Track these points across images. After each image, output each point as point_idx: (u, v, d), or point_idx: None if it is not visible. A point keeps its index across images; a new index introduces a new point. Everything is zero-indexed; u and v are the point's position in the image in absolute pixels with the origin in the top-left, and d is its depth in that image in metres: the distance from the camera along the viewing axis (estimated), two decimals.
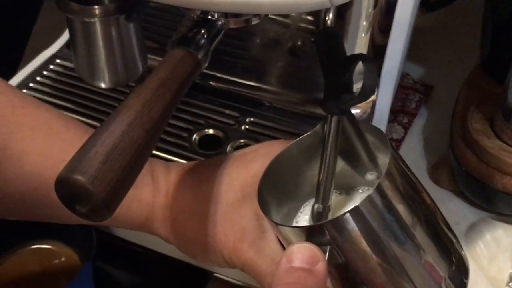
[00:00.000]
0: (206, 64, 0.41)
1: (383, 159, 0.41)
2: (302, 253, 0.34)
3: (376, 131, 0.41)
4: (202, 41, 0.41)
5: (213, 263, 0.46)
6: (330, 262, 0.36)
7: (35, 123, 0.43)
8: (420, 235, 0.38)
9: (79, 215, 0.33)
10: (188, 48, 0.40)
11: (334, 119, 0.39)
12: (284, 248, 0.42)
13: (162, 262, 0.55)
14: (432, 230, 0.39)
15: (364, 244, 0.36)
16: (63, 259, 0.54)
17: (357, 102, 0.37)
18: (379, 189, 0.36)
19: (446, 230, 0.41)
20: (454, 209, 0.60)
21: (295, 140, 0.42)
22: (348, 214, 0.35)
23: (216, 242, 0.44)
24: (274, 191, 0.42)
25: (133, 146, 0.34)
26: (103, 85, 0.56)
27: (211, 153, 0.58)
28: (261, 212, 0.39)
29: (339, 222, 0.36)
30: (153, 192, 0.45)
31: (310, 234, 0.36)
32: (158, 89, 0.36)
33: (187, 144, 0.59)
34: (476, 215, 0.60)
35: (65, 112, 0.62)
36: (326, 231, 0.36)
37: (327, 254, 0.36)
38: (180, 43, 0.40)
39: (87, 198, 0.31)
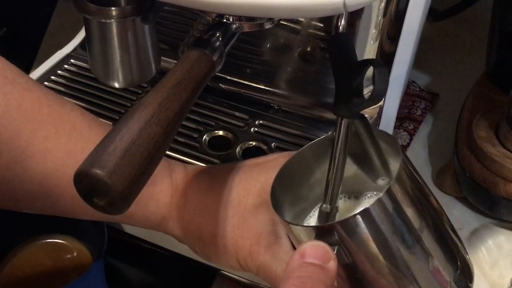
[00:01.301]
0: (221, 66, 0.43)
1: (394, 165, 0.42)
2: (316, 250, 0.35)
3: (388, 137, 0.41)
4: (217, 43, 0.42)
5: (226, 266, 0.47)
6: (338, 261, 0.37)
7: (59, 122, 0.44)
8: (427, 239, 0.39)
9: (96, 208, 0.34)
10: (204, 50, 0.41)
11: (344, 122, 0.40)
12: None
13: (170, 259, 0.56)
14: (439, 235, 0.40)
15: (372, 246, 0.37)
16: (75, 254, 0.55)
17: (367, 106, 0.38)
18: (389, 193, 0.37)
19: (453, 235, 0.42)
20: (457, 215, 0.61)
21: (309, 143, 0.43)
22: (358, 216, 0.36)
23: (232, 244, 0.45)
24: (287, 192, 0.43)
25: (150, 142, 0.35)
26: (117, 85, 0.57)
27: (220, 154, 0.59)
28: (275, 214, 0.40)
29: (349, 223, 0.37)
30: (171, 192, 0.46)
31: (320, 233, 0.37)
32: (174, 88, 0.38)
33: (197, 145, 0.60)
34: (479, 221, 0.61)
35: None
36: (335, 231, 0.37)
37: (335, 253, 0.37)
38: (196, 45, 0.41)
39: (105, 192, 0.33)
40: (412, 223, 0.38)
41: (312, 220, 0.45)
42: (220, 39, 0.43)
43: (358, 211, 0.36)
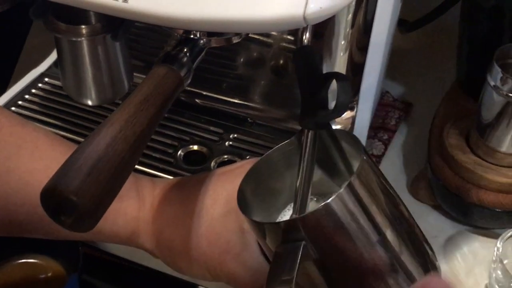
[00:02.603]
0: (189, 81, 0.43)
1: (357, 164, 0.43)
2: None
3: (351, 138, 0.42)
4: (185, 59, 0.43)
5: (198, 277, 0.47)
6: (306, 258, 0.38)
7: (21, 141, 0.44)
8: (392, 237, 0.39)
9: (64, 226, 0.34)
10: (171, 66, 0.41)
11: (311, 133, 0.40)
12: (268, 260, 0.43)
13: (147, 276, 0.56)
14: (405, 236, 0.40)
15: (336, 241, 0.38)
16: (49, 273, 0.55)
17: (332, 117, 0.39)
18: (350, 188, 0.38)
19: (421, 239, 0.43)
20: (432, 223, 0.62)
21: (274, 148, 0.44)
22: (320, 209, 0.37)
23: (201, 255, 0.45)
24: (254, 197, 0.43)
25: (117, 158, 0.35)
26: (90, 103, 0.57)
27: (195, 169, 0.60)
28: (242, 216, 0.40)
29: (312, 217, 0.37)
30: (138, 206, 0.46)
31: (286, 230, 0.38)
32: (141, 104, 0.38)
33: (172, 160, 0.61)
34: (454, 228, 0.61)
35: (53, 129, 0.64)
36: (300, 226, 0.37)
37: (301, 249, 0.37)
38: (164, 61, 0.42)
39: (72, 209, 0.33)
40: (376, 221, 0.39)
41: None
42: (188, 54, 0.43)
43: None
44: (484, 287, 0.56)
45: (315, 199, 0.45)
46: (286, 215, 0.45)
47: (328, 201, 0.37)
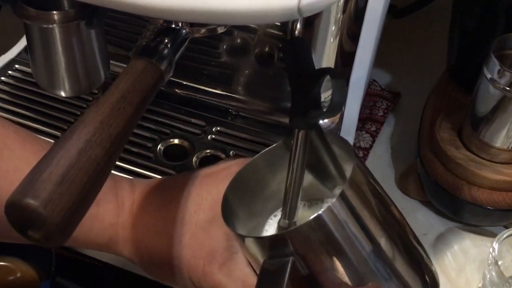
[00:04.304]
0: (170, 75, 0.40)
1: (349, 171, 0.40)
2: None
3: (342, 142, 0.40)
4: (166, 51, 0.39)
5: (180, 287, 0.44)
6: (294, 275, 0.35)
7: None
8: (387, 247, 0.37)
9: (32, 241, 0.31)
10: (151, 59, 0.38)
11: (302, 134, 0.38)
12: (254, 270, 0.41)
13: (123, 277, 0.53)
14: (400, 244, 0.39)
15: (327, 255, 0.35)
16: (18, 274, 0.52)
17: (324, 117, 0.37)
18: (343, 198, 0.35)
19: (416, 245, 0.41)
20: (422, 220, 0.60)
21: (260, 152, 0.41)
22: (311, 223, 0.35)
23: (184, 265, 0.42)
24: (240, 205, 0.41)
25: (91, 165, 0.32)
26: (63, 94, 0.54)
27: (176, 164, 0.57)
28: (229, 230, 0.38)
29: (302, 231, 0.35)
30: (116, 211, 0.43)
31: (274, 244, 0.36)
32: (118, 103, 0.35)
33: (151, 155, 0.57)
34: (444, 225, 0.59)
35: (25, 121, 0.60)
36: (289, 241, 0.35)
37: (290, 265, 0.35)
38: (143, 53, 0.38)
39: (40, 224, 0.30)
40: (369, 230, 0.37)
41: (268, 232, 0.43)
42: (169, 46, 0.40)
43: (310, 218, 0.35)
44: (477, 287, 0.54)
45: (305, 204, 0.43)
46: (274, 222, 0.42)
47: (320, 212, 0.34)
